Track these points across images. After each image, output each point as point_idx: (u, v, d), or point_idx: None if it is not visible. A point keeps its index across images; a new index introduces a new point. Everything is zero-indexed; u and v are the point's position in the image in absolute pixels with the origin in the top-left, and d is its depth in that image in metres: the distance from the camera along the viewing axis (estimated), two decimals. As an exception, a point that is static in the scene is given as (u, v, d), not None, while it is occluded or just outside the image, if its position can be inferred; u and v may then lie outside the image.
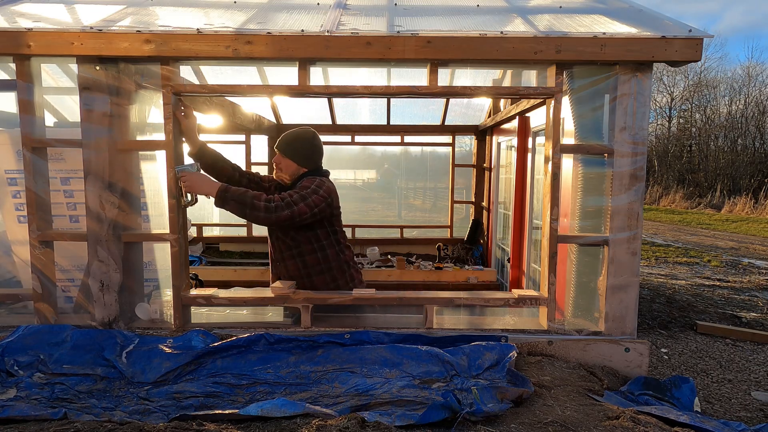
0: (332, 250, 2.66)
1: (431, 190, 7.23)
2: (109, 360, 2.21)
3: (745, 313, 4.31)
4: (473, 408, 1.80)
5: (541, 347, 2.48)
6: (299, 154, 2.67)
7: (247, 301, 2.59)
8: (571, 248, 2.77)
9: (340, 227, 2.74)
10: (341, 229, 2.74)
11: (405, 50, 2.36)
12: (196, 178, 2.42)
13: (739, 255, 7.88)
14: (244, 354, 2.26)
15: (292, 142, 2.68)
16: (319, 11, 2.78)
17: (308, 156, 2.69)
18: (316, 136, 2.75)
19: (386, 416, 1.79)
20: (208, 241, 6.25)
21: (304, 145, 2.69)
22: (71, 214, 2.94)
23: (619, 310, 2.48)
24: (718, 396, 2.65)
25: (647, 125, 2.45)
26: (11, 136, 2.85)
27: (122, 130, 2.48)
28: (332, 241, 2.66)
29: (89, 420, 1.73)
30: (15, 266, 3.00)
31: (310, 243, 2.61)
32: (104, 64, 2.41)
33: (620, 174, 2.43)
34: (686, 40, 2.31)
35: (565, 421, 1.79)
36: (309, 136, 2.71)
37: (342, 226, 2.76)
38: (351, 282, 2.73)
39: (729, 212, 15.50)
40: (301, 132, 2.73)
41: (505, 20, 2.72)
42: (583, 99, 2.61)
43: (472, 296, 2.64)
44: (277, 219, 2.38)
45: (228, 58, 2.37)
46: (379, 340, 2.38)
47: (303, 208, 2.43)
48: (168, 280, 2.55)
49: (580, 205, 2.69)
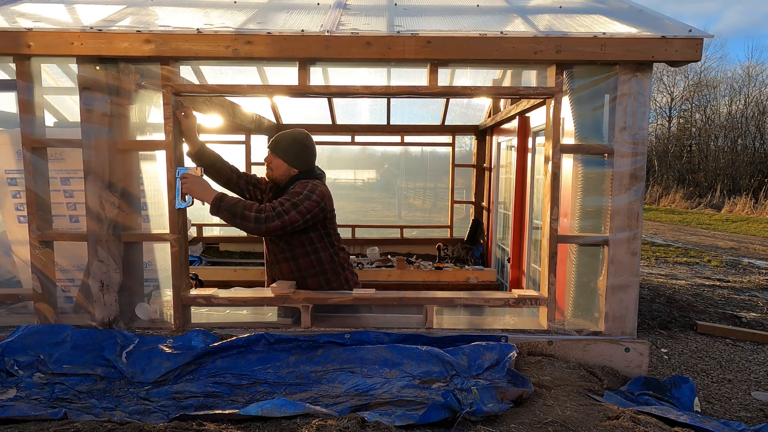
0: (326, 253, 2.66)
1: (431, 190, 7.23)
2: (109, 360, 2.21)
3: (745, 313, 4.31)
4: (473, 408, 1.81)
5: (541, 347, 2.48)
6: (290, 154, 2.67)
7: (247, 301, 2.59)
8: (571, 248, 2.77)
9: (335, 230, 2.74)
10: (335, 232, 2.74)
11: (405, 50, 2.36)
12: (197, 183, 2.43)
13: (739, 255, 7.88)
14: (244, 354, 2.26)
15: (282, 142, 2.68)
16: (319, 11, 2.78)
17: (298, 156, 2.68)
18: (309, 137, 2.74)
19: (386, 416, 1.79)
20: (208, 241, 6.25)
21: (294, 146, 2.68)
22: (71, 214, 2.94)
23: (619, 310, 2.48)
24: (718, 396, 2.65)
25: (647, 125, 2.45)
26: (11, 136, 2.85)
27: (122, 130, 2.48)
28: (326, 244, 2.66)
29: (89, 420, 1.73)
30: (15, 266, 3.00)
31: (304, 246, 2.61)
32: (104, 64, 2.41)
33: (620, 174, 2.43)
34: (686, 40, 2.31)
35: (565, 421, 1.79)
36: (300, 137, 2.71)
37: (336, 228, 2.76)
38: (346, 284, 2.73)
39: (729, 212, 15.50)
40: (293, 132, 2.73)
41: (505, 20, 2.72)
42: (583, 99, 2.61)
43: (472, 296, 2.64)
44: (267, 230, 2.38)
45: (228, 58, 2.37)
46: (379, 340, 2.38)
47: (294, 216, 2.43)
48: (168, 280, 2.55)
49: (580, 205, 2.69)
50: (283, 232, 2.45)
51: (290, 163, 2.68)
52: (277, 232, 2.43)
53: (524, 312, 2.77)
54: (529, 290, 2.80)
